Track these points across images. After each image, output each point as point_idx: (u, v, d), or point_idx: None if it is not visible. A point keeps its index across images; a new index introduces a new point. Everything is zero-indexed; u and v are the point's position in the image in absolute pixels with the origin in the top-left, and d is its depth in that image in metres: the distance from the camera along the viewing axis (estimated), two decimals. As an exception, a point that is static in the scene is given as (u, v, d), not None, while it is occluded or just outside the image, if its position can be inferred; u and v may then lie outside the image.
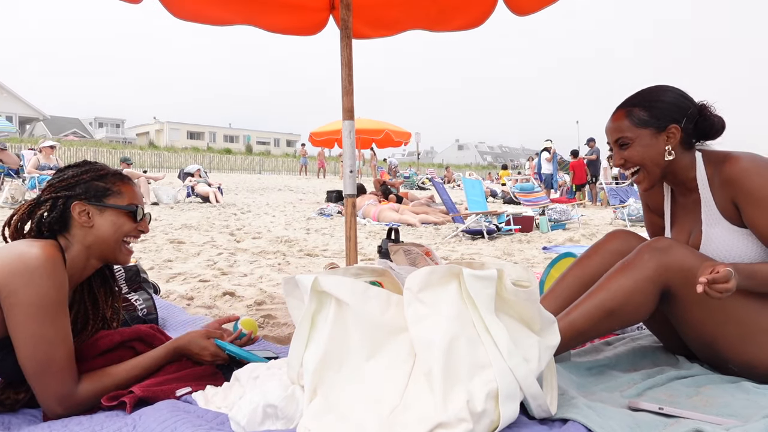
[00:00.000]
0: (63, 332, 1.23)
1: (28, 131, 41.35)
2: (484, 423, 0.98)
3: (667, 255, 1.37)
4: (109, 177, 1.41)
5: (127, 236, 1.40)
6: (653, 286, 1.36)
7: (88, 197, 1.36)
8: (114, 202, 1.38)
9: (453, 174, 24.56)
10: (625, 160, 1.50)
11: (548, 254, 5.13)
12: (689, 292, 1.34)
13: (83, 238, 1.35)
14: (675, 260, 1.37)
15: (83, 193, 1.36)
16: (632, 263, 1.39)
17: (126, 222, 1.39)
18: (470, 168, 40.56)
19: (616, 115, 1.52)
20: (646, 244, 1.41)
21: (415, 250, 2.97)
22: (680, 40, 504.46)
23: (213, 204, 10.61)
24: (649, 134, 1.46)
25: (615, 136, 1.51)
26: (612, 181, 13.46)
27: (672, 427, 1.09)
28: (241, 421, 1.11)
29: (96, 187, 1.38)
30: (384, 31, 3.04)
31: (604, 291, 1.39)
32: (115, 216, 1.38)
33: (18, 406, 1.31)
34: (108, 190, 1.39)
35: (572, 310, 1.40)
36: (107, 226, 1.36)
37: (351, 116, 2.51)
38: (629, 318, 1.41)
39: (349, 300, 1.08)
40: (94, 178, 1.38)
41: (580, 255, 1.65)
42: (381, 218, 8.04)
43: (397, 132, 12.39)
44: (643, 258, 1.38)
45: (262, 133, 60.55)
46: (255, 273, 3.87)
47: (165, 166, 27.63)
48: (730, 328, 1.37)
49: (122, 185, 1.42)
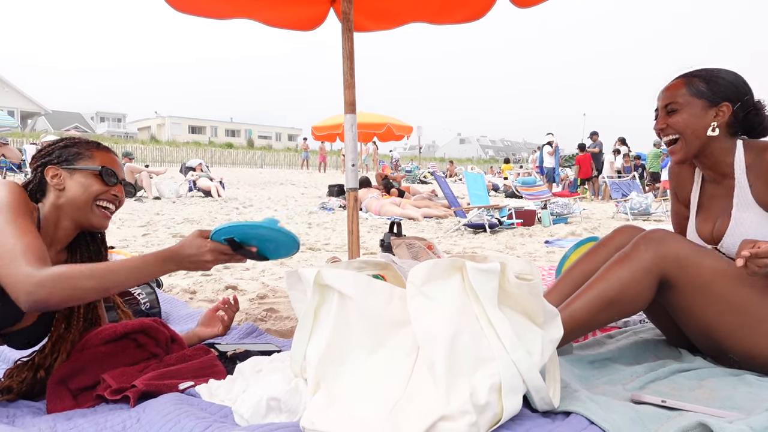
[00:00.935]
0: (24, 228, 1.23)
1: (29, 126, 41.36)
2: (488, 416, 0.98)
3: (662, 245, 1.38)
4: (83, 143, 1.45)
5: (98, 199, 1.41)
6: (650, 275, 1.38)
7: (59, 161, 1.40)
8: (84, 164, 1.41)
9: (456, 168, 24.52)
10: (667, 125, 1.51)
11: (550, 248, 5.13)
12: (686, 281, 1.37)
13: (55, 199, 1.39)
14: (671, 250, 1.38)
15: (56, 158, 1.40)
16: (629, 254, 1.41)
17: (95, 183, 1.40)
18: (472, 162, 40.48)
19: (673, 82, 1.54)
20: (642, 236, 1.43)
21: (418, 243, 2.97)
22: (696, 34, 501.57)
23: (215, 198, 10.62)
24: (701, 105, 1.48)
25: (666, 100, 1.52)
26: (615, 175, 13.42)
27: (675, 420, 1.09)
28: (244, 414, 1.12)
29: (68, 152, 1.42)
30: (385, 24, 3.03)
31: (603, 281, 1.41)
32: (83, 177, 1.39)
33: (24, 386, 1.34)
34: (79, 154, 1.42)
35: (572, 302, 1.41)
36: (76, 187, 1.39)
37: (353, 110, 2.50)
38: (627, 308, 1.42)
39: (352, 293, 1.08)
40: (67, 145, 1.43)
41: (587, 250, 1.65)
42: (383, 212, 8.03)
43: (398, 126, 12.35)
44: (640, 249, 1.40)
45: (263, 127, 60.49)
46: (257, 267, 3.88)
47: (167, 160, 27.63)
48: (729, 316, 1.37)
49: (96, 151, 1.45)
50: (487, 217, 6.56)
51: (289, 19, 2.93)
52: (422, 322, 1.04)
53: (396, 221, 3.70)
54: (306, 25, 2.96)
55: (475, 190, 7.49)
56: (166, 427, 1.09)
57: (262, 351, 1.62)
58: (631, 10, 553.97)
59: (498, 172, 22.42)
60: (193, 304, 2.70)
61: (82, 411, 1.21)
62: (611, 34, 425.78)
